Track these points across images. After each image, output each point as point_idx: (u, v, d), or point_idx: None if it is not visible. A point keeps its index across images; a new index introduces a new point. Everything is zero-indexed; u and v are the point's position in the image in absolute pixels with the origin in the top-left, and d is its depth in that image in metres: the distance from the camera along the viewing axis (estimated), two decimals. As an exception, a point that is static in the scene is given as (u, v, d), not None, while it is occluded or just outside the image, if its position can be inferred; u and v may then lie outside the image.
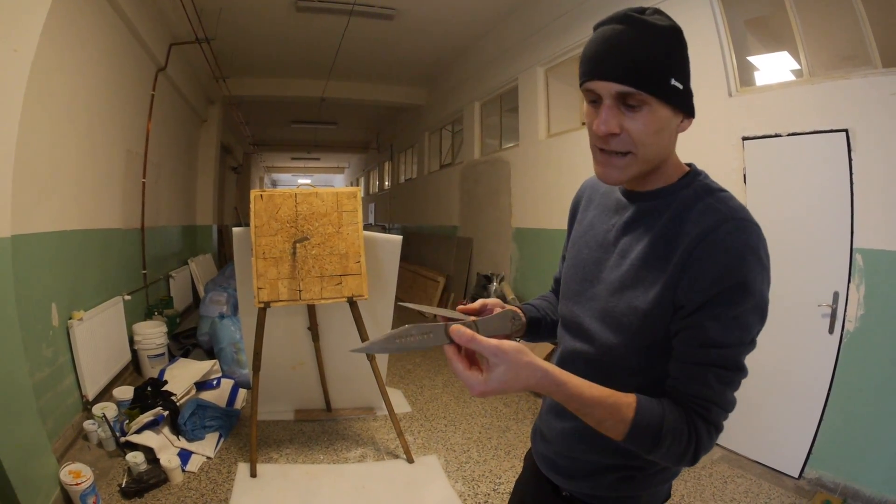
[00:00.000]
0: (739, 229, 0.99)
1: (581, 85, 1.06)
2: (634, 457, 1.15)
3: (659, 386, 1.07)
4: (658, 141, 1.04)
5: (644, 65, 0.98)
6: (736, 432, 4.09)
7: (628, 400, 1.00)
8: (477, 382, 0.95)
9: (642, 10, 1.03)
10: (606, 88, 1.00)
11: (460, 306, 1.14)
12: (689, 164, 1.17)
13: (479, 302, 1.16)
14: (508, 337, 1.12)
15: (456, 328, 0.97)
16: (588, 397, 0.99)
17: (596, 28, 1.06)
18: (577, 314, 1.24)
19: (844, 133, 3.40)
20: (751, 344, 1.02)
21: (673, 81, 1.00)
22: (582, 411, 1.00)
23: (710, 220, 1.01)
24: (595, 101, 1.05)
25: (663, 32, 1.00)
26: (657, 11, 1.04)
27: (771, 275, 1.02)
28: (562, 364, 1.23)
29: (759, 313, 1.00)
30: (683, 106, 1.04)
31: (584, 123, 1.00)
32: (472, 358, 0.99)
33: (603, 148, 1.07)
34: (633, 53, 0.98)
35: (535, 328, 1.39)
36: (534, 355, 0.97)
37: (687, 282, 1.00)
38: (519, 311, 1.04)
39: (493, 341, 0.95)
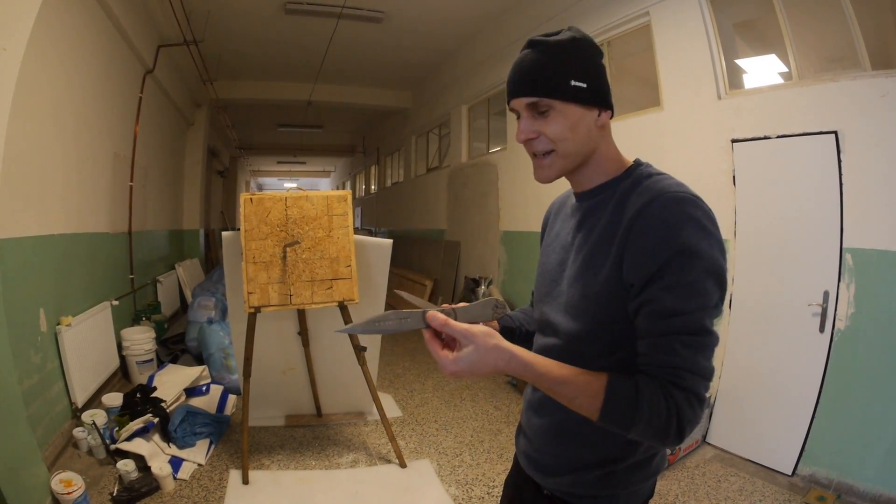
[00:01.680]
0: (674, 201, 1.04)
1: (507, 106, 1.21)
2: (613, 452, 1.20)
3: (630, 367, 1.08)
4: (575, 136, 1.15)
5: (542, 76, 1.12)
6: (728, 431, 4.12)
7: (600, 376, 1.04)
8: (447, 362, 1.03)
9: (551, 34, 1.17)
10: (519, 103, 1.17)
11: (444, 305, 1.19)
12: (636, 160, 1.25)
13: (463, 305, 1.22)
14: (488, 324, 1.26)
15: (432, 314, 1.05)
16: (557, 375, 1.04)
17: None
18: (545, 313, 1.31)
19: (833, 135, 3.44)
20: (715, 308, 1.04)
21: (573, 82, 1.12)
22: (554, 390, 1.05)
23: (645, 197, 1.08)
24: (519, 116, 1.19)
25: (560, 45, 1.14)
26: (570, 28, 1.18)
27: (723, 243, 1.06)
28: None
29: (715, 277, 1.02)
30: (592, 101, 1.15)
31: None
32: (452, 343, 1.07)
33: (530, 153, 1.20)
34: (533, 69, 1.14)
35: (509, 338, 1.38)
36: (503, 339, 1.03)
37: (629, 258, 1.06)
38: (502, 299, 1.11)
39: (464, 325, 1.03)
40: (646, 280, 1.03)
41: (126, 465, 3.37)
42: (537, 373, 1.03)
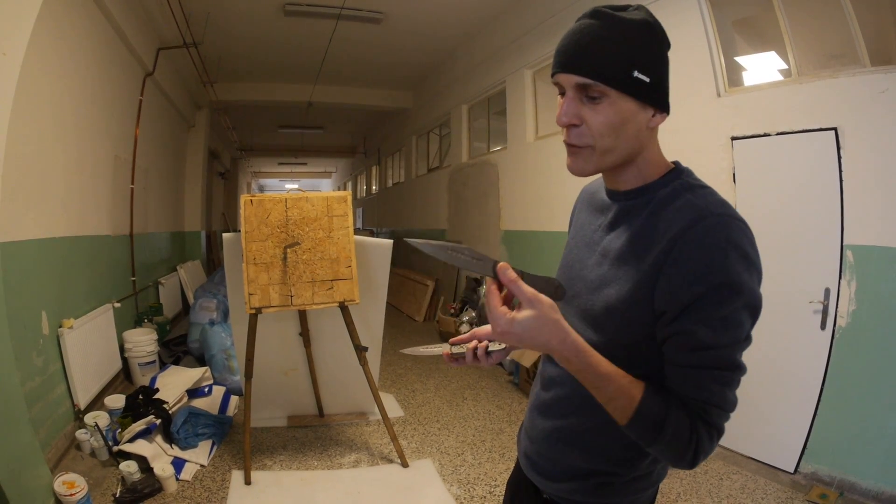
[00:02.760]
0: (720, 225, 0.96)
1: (552, 78, 1.08)
2: (613, 467, 1.16)
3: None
4: (621, 134, 1.03)
5: (604, 56, 0.99)
6: (730, 429, 4.04)
7: (638, 384, 1.00)
8: (503, 320, 0.95)
9: (619, 8, 1.03)
10: (568, 80, 1.02)
11: (452, 339, 1.17)
12: (675, 163, 1.17)
13: (469, 333, 1.18)
14: None
15: (503, 265, 0.97)
16: (604, 371, 0.98)
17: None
18: (563, 312, 1.20)
19: (833, 131, 3.44)
20: (746, 341, 0.99)
21: (636, 73, 0.99)
22: (595, 384, 0.99)
23: (688, 217, 0.98)
24: (562, 93, 1.06)
25: (630, 25, 1.00)
26: (638, 8, 1.05)
27: (762, 270, 0.99)
28: (547, 360, 1.28)
29: (751, 310, 0.97)
30: (651, 99, 1.03)
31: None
32: (510, 304, 0.99)
33: (566, 141, 1.08)
34: (594, 46, 1.00)
35: None
36: (564, 320, 0.97)
37: (665, 284, 0.98)
38: (562, 284, 1.03)
39: (533, 290, 0.95)
40: (680, 310, 0.96)
41: (129, 467, 3.38)
42: (586, 361, 0.98)
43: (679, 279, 0.95)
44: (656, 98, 1.04)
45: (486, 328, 1.16)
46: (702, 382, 0.97)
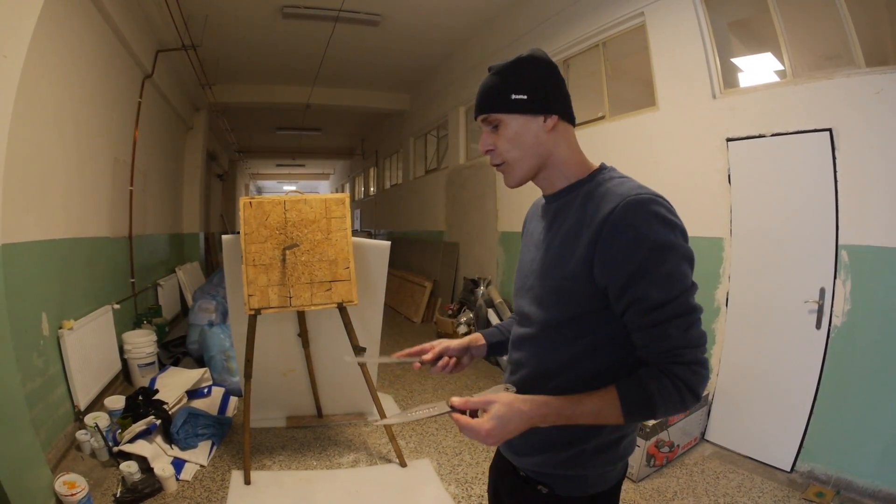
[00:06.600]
0: (638, 202, 1.13)
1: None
2: (578, 432, 1.28)
3: (598, 352, 1.23)
4: (519, 145, 1.28)
5: (490, 94, 1.29)
6: (727, 428, 4.14)
7: (608, 389, 1.15)
8: (484, 430, 1.12)
9: (509, 60, 1.31)
10: (480, 121, 1.33)
11: (406, 350, 1.50)
12: (602, 164, 1.35)
13: (418, 347, 1.51)
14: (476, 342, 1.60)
15: (454, 399, 1.19)
16: (576, 400, 1.16)
17: None
18: (521, 306, 1.41)
19: (828, 132, 3.47)
20: (693, 287, 1.14)
21: (513, 96, 1.25)
22: (580, 415, 1.15)
23: (611, 202, 1.16)
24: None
25: (505, 67, 1.29)
26: (528, 51, 1.31)
27: (685, 228, 1.16)
28: (512, 347, 1.44)
29: (688, 261, 1.13)
30: (534, 109, 1.26)
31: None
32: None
33: (491, 164, 1.35)
34: (484, 91, 1.31)
35: (501, 349, 1.61)
36: (518, 397, 1.17)
37: (602, 261, 1.14)
38: (510, 386, 1.27)
39: (482, 397, 1.18)
40: (625, 280, 1.12)
41: (129, 467, 3.39)
42: (561, 407, 1.15)
43: (614, 253, 1.12)
44: (538, 107, 1.27)
45: (456, 341, 1.54)
46: (666, 333, 1.11)
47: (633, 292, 1.12)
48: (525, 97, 1.25)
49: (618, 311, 1.17)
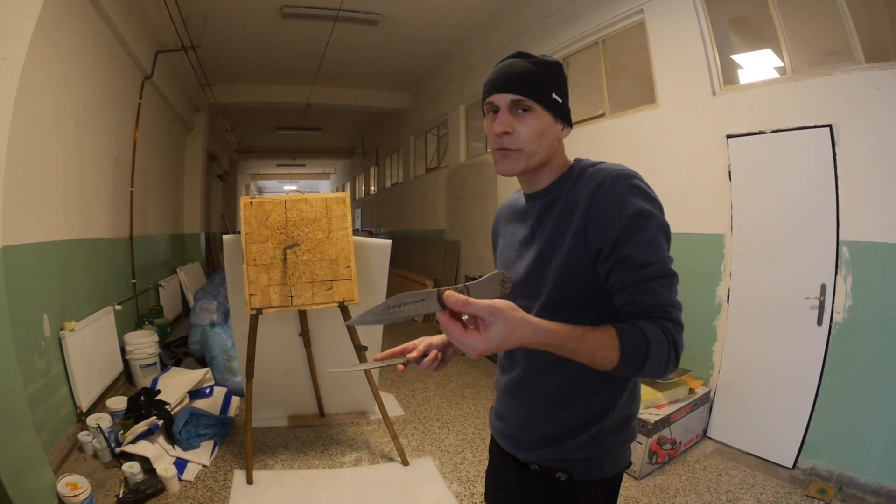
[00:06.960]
0: (619, 177, 1.22)
1: (483, 101, 1.34)
2: (594, 409, 1.32)
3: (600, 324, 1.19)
4: (541, 141, 1.29)
5: (530, 80, 1.27)
6: (729, 425, 4.14)
7: (607, 329, 1.13)
8: (476, 342, 1.00)
9: (544, 57, 1.34)
10: (503, 98, 1.28)
11: (388, 351, 1.38)
12: (576, 158, 1.41)
13: (399, 347, 1.42)
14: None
15: (449, 293, 0.99)
16: (578, 334, 1.10)
17: (497, 64, 1.35)
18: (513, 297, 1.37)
19: (828, 128, 3.47)
20: (669, 257, 1.21)
21: (553, 95, 1.28)
22: (576, 349, 1.10)
23: (596, 180, 1.24)
24: (494, 111, 1.31)
25: (546, 63, 1.31)
26: (544, 56, 1.33)
27: (661, 202, 1.24)
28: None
29: (663, 231, 1.21)
30: (561, 116, 1.32)
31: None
32: (473, 322, 1.02)
33: (499, 147, 1.32)
34: (523, 74, 1.28)
35: None
36: (524, 311, 1.05)
37: (594, 227, 1.21)
38: (506, 273, 1.11)
39: (487, 301, 1.00)
40: (613, 242, 1.18)
41: (131, 468, 3.40)
42: (561, 336, 1.08)
43: (604, 219, 1.19)
44: (565, 116, 1.33)
45: (439, 337, 1.41)
46: (653, 289, 1.16)
47: (619, 252, 1.17)
48: (560, 101, 1.30)
49: (603, 273, 1.21)
